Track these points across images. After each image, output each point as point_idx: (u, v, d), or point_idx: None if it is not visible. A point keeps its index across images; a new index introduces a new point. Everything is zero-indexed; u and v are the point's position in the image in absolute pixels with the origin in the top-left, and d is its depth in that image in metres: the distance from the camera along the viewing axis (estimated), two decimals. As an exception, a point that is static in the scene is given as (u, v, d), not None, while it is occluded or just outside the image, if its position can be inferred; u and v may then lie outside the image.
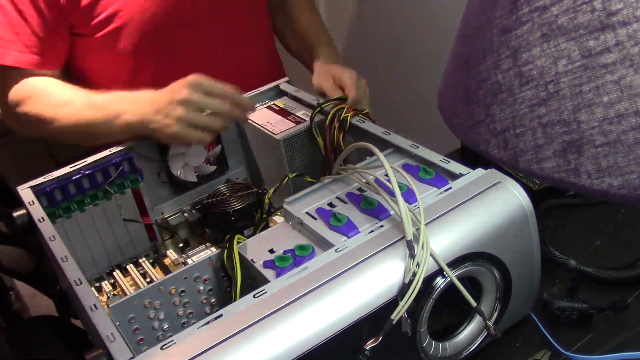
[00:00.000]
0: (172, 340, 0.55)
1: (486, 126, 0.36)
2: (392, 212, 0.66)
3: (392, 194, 0.64)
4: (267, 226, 0.81)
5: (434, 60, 0.97)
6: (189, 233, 0.92)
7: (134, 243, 0.89)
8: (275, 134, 0.87)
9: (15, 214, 0.79)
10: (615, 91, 0.30)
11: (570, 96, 0.31)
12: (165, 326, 0.70)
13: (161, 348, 0.54)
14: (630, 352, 0.66)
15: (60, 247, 0.70)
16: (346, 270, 0.58)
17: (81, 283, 0.64)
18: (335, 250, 0.61)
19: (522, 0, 0.33)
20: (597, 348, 0.69)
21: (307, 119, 0.88)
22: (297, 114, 0.92)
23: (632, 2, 0.29)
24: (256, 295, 0.57)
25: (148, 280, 0.83)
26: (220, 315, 0.56)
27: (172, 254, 0.88)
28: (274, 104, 0.97)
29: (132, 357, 0.54)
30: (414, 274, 0.57)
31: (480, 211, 0.64)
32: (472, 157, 0.72)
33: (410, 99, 1.81)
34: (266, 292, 0.57)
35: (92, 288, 0.72)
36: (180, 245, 0.91)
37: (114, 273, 0.86)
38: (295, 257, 0.64)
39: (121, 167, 0.85)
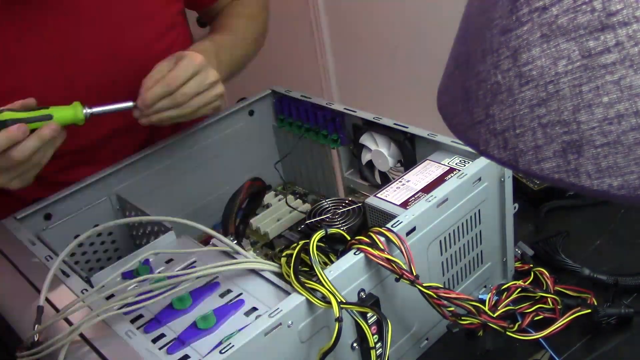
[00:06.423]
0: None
1: (486, 126, 0.36)
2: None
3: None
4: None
5: (434, 61, 0.97)
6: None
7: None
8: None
9: None
10: (615, 91, 0.30)
11: (570, 96, 0.31)
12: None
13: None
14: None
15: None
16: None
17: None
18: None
19: (522, 0, 0.33)
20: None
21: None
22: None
23: (632, 3, 0.29)
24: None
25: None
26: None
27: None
28: None
29: None
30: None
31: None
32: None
33: (410, 99, 1.81)
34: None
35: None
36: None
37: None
38: None
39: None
